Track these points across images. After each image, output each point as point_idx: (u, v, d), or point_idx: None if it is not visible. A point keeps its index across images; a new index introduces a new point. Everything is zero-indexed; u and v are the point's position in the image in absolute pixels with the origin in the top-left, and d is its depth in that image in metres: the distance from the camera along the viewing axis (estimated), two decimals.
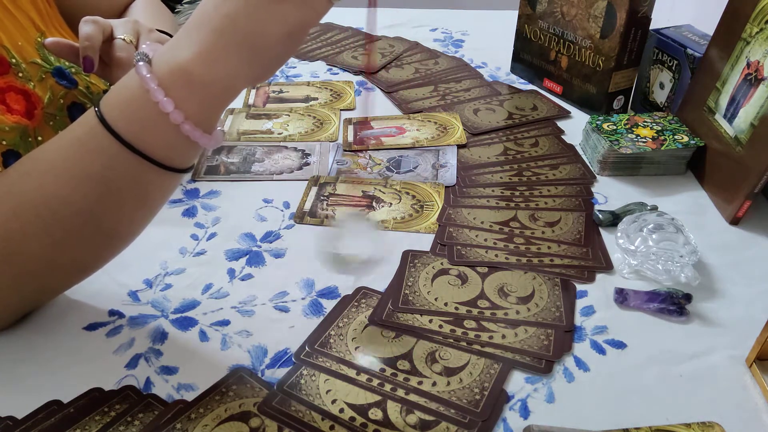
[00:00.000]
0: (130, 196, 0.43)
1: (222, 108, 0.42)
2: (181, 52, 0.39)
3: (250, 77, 0.41)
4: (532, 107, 0.83)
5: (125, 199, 0.43)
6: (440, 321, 0.49)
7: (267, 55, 0.40)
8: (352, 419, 0.41)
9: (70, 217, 0.42)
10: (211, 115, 0.41)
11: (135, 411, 0.42)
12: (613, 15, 0.74)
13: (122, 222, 0.44)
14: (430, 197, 0.64)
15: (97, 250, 0.46)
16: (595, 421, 0.42)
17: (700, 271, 0.54)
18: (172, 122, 0.39)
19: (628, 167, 0.68)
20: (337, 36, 1.06)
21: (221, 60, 0.38)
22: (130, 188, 0.42)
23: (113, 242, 0.46)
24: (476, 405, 0.42)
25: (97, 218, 0.43)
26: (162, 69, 0.39)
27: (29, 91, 0.63)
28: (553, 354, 0.46)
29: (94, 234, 0.43)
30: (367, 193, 0.65)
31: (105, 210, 0.42)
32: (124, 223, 0.45)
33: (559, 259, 0.56)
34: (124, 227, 0.45)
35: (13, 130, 0.55)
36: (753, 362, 0.45)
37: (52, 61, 0.64)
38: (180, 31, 0.40)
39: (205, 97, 0.40)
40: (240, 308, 0.51)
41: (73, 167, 0.41)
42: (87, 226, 0.43)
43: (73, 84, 0.66)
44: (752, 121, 0.60)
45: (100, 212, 0.42)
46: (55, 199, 0.41)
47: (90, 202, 0.42)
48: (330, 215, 0.61)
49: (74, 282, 0.48)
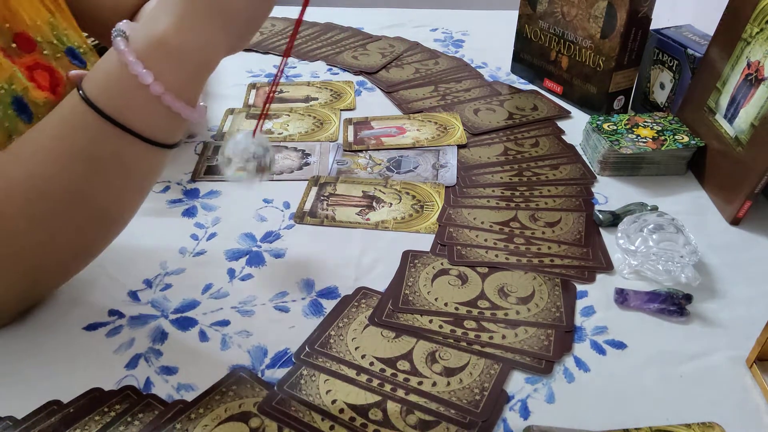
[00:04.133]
0: (116, 173, 0.43)
1: (202, 78, 0.42)
2: (156, 24, 0.39)
3: (225, 44, 0.42)
4: (532, 107, 0.83)
5: (112, 177, 0.43)
6: (440, 321, 0.49)
7: (238, 18, 0.41)
8: (352, 419, 0.41)
9: (59, 197, 0.42)
10: (191, 85, 0.42)
11: (135, 411, 0.41)
12: (614, 15, 0.74)
13: (111, 201, 0.44)
14: (430, 197, 0.64)
15: (90, 232, 0.45)
16: (595, 422, 0.42)
17: (701, 271, 0.54)
18: (153, 94, 0.39)
19: (629, 167, 0.68)
20: (338, 36, 1.06)
21: (195, 28, 0.39)
22: (116, 165, 0.42)
23: (105, 223, 0.46)
24: (476, 405, 0.42)
25: (86, 198, 0.43)
26: (139, 42, 0.39)
27: (53, 68, 0.64)
28: (553, 354, 0.46)
29: (85, 215, 0.44)
30: (368, 193, 0.65)
31: (93, 189, 0.42)
32: (113, 203, 0.45)
33: (560, 259, 0.56)
34: (114, 207, 0.45)
35: (45, 105, 0.56)
36: (753, 363, 0.45)
37: (64, 41, 0.65)
38: (156, 4, 0.41)
39: (184, 67, 0.40)
40: (240, 308, 0.51)
41: (59, 147, 0.41)
42: (76, 206, 0.43)
43: (83, 64, 0.67)
44: (752, 121, 0.60)
45: (88, 192, 0.42)
46: (43, 180, 0.41)
47: (77, 182, 0.42)
48: (330, 215, 0.61)
49: (72, 269, 0.48)
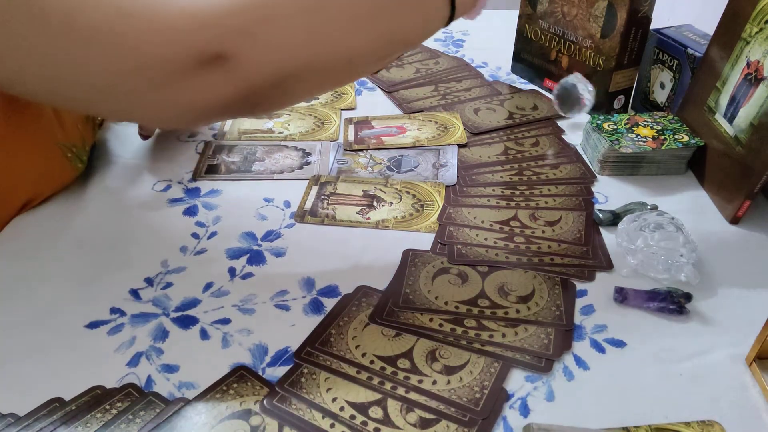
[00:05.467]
0: (407, 29, 0.46)
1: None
2: None
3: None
4: (532, 107, 0.83)
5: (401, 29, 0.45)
6: (440, 320, 0.49)
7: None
8: (352, 417, 0.41)
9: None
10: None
11: (136, 409, 0.42)
12: (614, 15, 0.74)
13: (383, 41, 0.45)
14: (431, 197, 0.64)
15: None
16: (595, 420, 0.42)
17: (700, 270, 0.54)
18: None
19: (629, 167, 0.68)
20: None
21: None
22: (411, 23, 0.46)
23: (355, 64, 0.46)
24: (476, 403, 0.43)
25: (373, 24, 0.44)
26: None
27: None
28: (553, 353, 0.47)
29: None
30: (368, 193, 0.65)
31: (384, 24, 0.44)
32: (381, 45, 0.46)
33: (560, 258, 0.56)
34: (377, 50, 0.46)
35: None
36: (753, 361, 0.45)
37: None
38: None
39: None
40: (241, 307, 0.51)
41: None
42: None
43: None
44: (752, 120, 0.60)
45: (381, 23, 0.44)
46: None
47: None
48: (330, 214, 0.61)
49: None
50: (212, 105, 0.39)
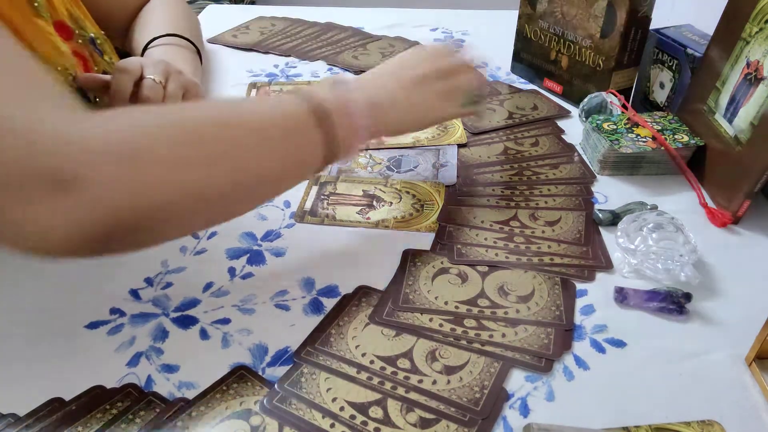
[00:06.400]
0: (289, 167, 0.48)
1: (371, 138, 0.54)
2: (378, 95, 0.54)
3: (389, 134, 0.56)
4: (532, 107, 0.83)
5: (280, 166, 0.47)
6: (440, 320, 0.49)
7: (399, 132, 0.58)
8: (352, 417, 0.41)
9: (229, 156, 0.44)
10: (366, 138, 0.53)
11: (136, 409, 0.42)
12: (614, 15, 0.74)
13: (261, 178, 0.47)
14: (431, 197, 0.64)
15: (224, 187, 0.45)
16: (595, 420, 0.42)
17: (700, 270, 0.54)
18: (358, 126, 0.50)
19: (628, 167, 0.68)
20: (338, 36, 1.06)
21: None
22: (294, 159, 0.48)
23: (237, 191, 0.46)
24: (476, 403, 0.43)
25: (246, 165, 0.45)
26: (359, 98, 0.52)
27: (86, 57, 0.64)
28: (553, 352, 0.47)
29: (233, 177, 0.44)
30: (368, 192, 0.65)
31: (257, 162, 0.46)
32: (261, 181, 0.47)
33: (559, 258, 0.56)
34: (255, 186, 0.47)
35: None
36: (752, 361, 0.46)
37: (86, 30, 0.65)
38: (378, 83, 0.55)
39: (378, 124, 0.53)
40: (240, 306, 0.51)
41: (266, 130, 0.46)
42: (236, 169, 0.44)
43: (100, 54, 0.68)
44: (752, 120, 0.60)
45: (252, 161, 0.45)
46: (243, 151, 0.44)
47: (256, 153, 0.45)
48: (330, 214, 0.61)
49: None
50: (73, 232, 0.37)
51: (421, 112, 0.56)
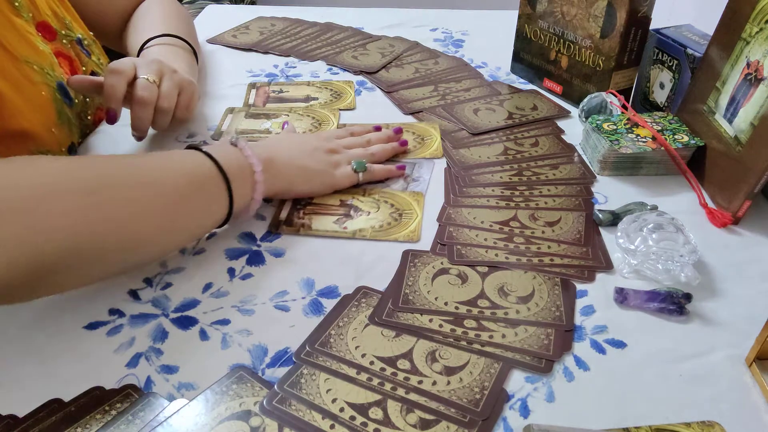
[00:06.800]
0: (191, 215, 0.52)
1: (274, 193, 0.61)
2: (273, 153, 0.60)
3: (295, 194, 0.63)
4: (532, 107, 0.83)
5: (183, 216, 0.51)
6: (440, 320, 0.49)
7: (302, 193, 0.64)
8: (352, 418, 0.41)
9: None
10: (266, 192, 0.58)
11: (136, 410, 0.42)
12: (613, 15, 0.74)
13: (158, 231, 0.50)
14: (409, 206, 0.63)
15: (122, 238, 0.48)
16: (595, 420, 0.42)
17: (700, 270, 0.54)
18: (255, 179, 0.56)
19: (629, 167, 0.68)
20: (337, 36, 1.06)
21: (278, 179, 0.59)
22: (196, 210, 0.52)
23: (134, 243, 0.49)
24: (476, 404, 0.42)
25: (151, 215, 0.48)
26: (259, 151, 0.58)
27: (72, 57, 0.64)
28: (553, 353, 0.46)
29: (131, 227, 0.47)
30: (345, 202, 0.64)
31: (164, 212, 0.49)
32: (157, 233, 0.50)
33: (559, 258, 0.56)
34: (155, 238, 0.50)
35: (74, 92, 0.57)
36: (753, 362, 0.45)
37: (73, 31, 0.65)
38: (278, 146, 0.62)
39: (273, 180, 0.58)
40: (240, 307, 0.51)
41: (170, 180, 0.50)
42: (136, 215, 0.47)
43: (88, 55, 0.67)
44: (752, 120, 0.60)
45: (158, 210, 0.49)
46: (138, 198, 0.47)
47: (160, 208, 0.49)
48: (306, 224, 0.60)
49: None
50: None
51: (314, 174, 0.62)
